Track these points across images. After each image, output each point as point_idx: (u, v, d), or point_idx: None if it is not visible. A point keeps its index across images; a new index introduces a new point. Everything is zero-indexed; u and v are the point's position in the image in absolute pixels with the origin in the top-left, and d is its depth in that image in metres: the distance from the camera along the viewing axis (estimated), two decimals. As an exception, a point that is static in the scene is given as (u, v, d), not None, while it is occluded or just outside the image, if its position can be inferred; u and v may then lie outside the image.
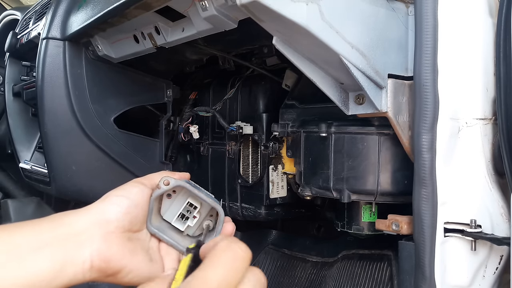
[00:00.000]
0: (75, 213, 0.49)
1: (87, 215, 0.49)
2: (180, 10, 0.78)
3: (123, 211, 0.50)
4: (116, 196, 0.51)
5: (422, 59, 0.61)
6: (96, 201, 0.51)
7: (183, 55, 1.06)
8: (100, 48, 1.05)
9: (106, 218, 0.49)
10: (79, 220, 0.48)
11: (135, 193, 0.52)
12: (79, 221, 0.48)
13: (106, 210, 0.50)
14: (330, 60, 0.61)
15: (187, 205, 0.55)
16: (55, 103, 1.10)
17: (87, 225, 0.48)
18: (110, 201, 0.51)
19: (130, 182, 0.54)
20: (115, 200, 0.51)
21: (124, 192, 0.52)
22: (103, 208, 0.50)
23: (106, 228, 0.49)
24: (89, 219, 0.49)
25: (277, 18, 0.52)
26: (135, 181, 0.54)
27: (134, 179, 0.55)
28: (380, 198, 0.77)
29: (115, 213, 0.49)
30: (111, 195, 0.51)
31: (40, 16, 1.34)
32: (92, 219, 0.49)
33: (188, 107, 1.26)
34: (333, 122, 0.79)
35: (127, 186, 0.53)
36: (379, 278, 0.89)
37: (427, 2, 0.61)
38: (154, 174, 0.56)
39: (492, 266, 0.66)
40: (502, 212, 0.66)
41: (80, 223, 0.48)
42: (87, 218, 0.49)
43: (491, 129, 0.67)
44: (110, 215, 0.49)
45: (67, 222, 0.48)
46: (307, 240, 1.15)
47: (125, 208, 0.50)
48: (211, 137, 1.21)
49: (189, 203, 0.55)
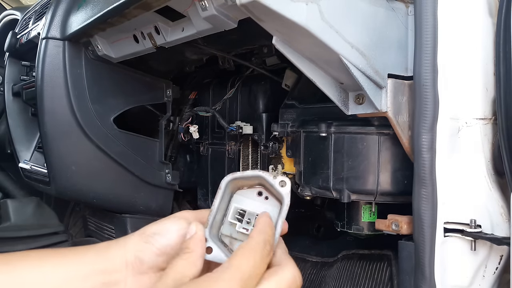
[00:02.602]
0: (115, 247, 0.48)
1: (123, 251, 0.48)
2: (180, 10, 0.78)
3: (158, 252, 0.48)
4: (153, 234, 0.49)
5: (422, 59, 0.61)
6: (135, 234, 0.50)
7: (183, 55, 1.06)
8: (100, 48, 1.05)
9: (140, 258, 0.48)
10: (116, 256, 0.48)
11: (174, 231, 0.49)
12: (116, 257, 0.47)
13: (141, 250, 0.48)
14: (330, 60, 0.61)
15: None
16: (54, 103, 1.10)
17: (122, 264, 0.47)
18: (146, 239, 0.49)
19: (172, 216, 0.51)
20: (151, 239, 0.49)
21: (163, 229, 0.49)
22: (139, 247, 0.49)
23: (139, 268, 0.48)
24: (125, 258, 0.48)
25: (277, 18, 0.52)
26: (177, 216, 0.51)
27: (181, 212, 0.52)
28: (380, 198, 0.77)
29: (149, 254, 0.48)
30: (149, 231, 0.50)
31: (39, 16, 1.34)
32: (128, 257, 0.48)
33: (188, 107, 1.26)
34: (333, 122, 0.79)
35: (167, 222, 0.50)
36: (379, 278, 0.89)
37: (427, 2, 0.61)
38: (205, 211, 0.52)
39: (492, 266, 0.66)
40: (502, 212, 0.66)
41: (117, 260, 0.47)
42: (123, 255, 0.48)
43: (491, 129, 0.66)
44: (144, 256, 0.48)
45: (109, 257, 0.47)
46: (307, 240, 1.15)
47: (160, 248, 0.48)
48: (211, 137, 1.21)
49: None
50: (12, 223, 1.44)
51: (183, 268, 0.43)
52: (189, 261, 0.44)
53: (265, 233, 0.45)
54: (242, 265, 0.42)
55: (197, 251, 0.45)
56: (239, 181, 0.50)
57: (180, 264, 0.44)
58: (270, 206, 0.50)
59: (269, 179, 0.48)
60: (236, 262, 0.42)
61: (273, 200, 0.50)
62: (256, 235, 0.45)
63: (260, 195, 0.51)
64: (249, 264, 0.42)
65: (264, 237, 0.45)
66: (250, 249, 0.43)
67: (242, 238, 0.49)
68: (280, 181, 0.48)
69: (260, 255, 0.43)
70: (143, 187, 1.23)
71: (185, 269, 0.43)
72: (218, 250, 0.46)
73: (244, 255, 0.43)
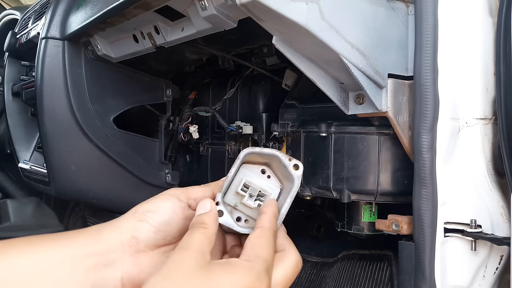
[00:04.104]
0: (108, 229, 0.47)
1: (118, 232, 0.47)
2: (179, 9, 0.78)
3: (154, 229, 0.47)
4: (146, 212, 0.48)
5: (422, 58, 0.61)
6: (127, 214, 0.49)
7: (183, 54, 1.06)
8: (100, 47, 1.05)
9: (136, 237, 0.47)
10: (110, 238, 0.46)
11: (167, 208, 0.49)
12: (110, 239, 0.46)
13: (136, 228, 0.47)
14: (330, 59, 0.61)
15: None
16: (54, 103, 1.10)
17: (117, 244, 0.46)
18: (140, 217, 0.48)
19: (162, 194, 0.50)
20: (145, 217, 0.48)
21: (155, 207, 0.49)
22: (134, 225, 0.47)
23: (136, 247, 0.47)
24: (120, 238, 0.47)
25: (277, 18, 0.52)
26: (167, 194, 0.50)
27: (169, 190, 0.51)
28: (380, 198, 0.77)
29: (145, 233, 0.47)
30: (141, 210, 0.48)
31: (39, 15, 1.34)
32: (123, 238, 0.47)
33: (187, 107, 1.26)
34: (333, 122, 0.79)
35: (158, 199, 0.49)
36: (379, 278, 0.89)
37: (427, 2, 0.60)
38: (193, 188, 0.52)
39: (492, 266, 0.66)
40: (502, 212, 0.66)
41: (111, 241, 0.46)
42: (118, 236, 0.47)
43: (491, 129, 0.66)
44: (140, 235, 0.47)
45: (101, 239, 0.46)
46: (307, 240, 1.15)
47: (156, 225, 0.48)
48: (210, 137, 1.21)
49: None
50: (11, 223, 1.44)
51: (201, 243, 0.43)
52: (206, 236, 0.44)
53: (274, 223, 0.48)
54: (269, 257, 0.44)
55: (213, 227, 0.46)
56: (253, 156, 0.53)
57: (197, 239, 0.43)
58: (272, 185, 0.54)
59: (284, 160, 0.52)
60: (262, 253, 0.44)
61: (275, 180, 0.54)
62: (268, 224, 0.47)
63: (263, 173, 0.54)
64: (271, 255, 0.45)
65: (274, 227, 0.48)
66: (267, 239, 0.46)
67: (243, 210, 0.53)
68: (294, 164, 0.52)
69: (273, 245, 0.46)
70: (143, 187, 1.23)
71: (203, 244, 0.43)
72: (228, 215, 0.50)
73: (263, 246, 0.45)
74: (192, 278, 0.40)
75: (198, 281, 0.40)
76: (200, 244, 0.43)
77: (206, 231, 0.45)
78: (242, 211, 0.53)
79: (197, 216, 0.47)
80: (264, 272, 0.42)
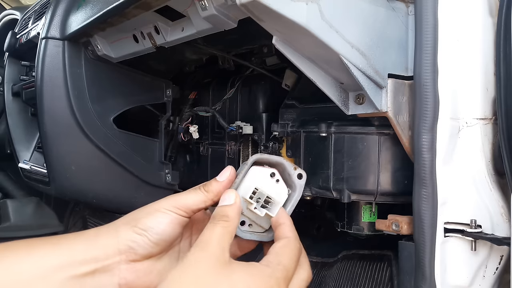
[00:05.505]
0: (106, 235, 0.47)
1: (115, 240, 0.47)
2: (179, 9, 0.78)
3: (152, 244, 0.48)
4: (146, 227, 0.48)
5: (422, 58, 0.61)
6: (125, 222, 0.49)
7: (183, 54, 1.06)
8: (100, 47, 1.05)
9: (133, 248, 0.47)
10: (107, 244, 0.47)
11: (166, 224, 0.49)
12: (107, 245, 0.47)
13: (134, 240, 0.47)
14: (330, 59, 0.61)
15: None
16: (54, 103, 1.10)
17: (115, 252, 0.46)
18: (139, 231, 0.48)
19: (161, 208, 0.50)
20: (144, 232, 0.48)
21: (154, 224, 0.48)
22: (132, 237, 0.48)
23: (133, 257, 0.47)
24: (117, 247, 0.47)
25: (277, 18, 0.52)
26: (166, 208, 0.50)
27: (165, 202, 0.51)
28: (380, 198, 0.77)
29: (143, 246, 0.47)
30: (140, 224, 0.48)
31: (39, 15, 1.34)
32: (120, 247, 0.47)
33: (187, 107, 1.25)
34: (333, 122, 0.79)
35: (158, 215, 0.49)
36: (379, 278, 0.89)
37: (427, 2, 0.60)
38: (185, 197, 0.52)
39: (492, 266, 0.66)
40: (502, 212, 0.66)
41: (109, 248, 0.46)
42: (115, 244, 0.47)
43: (491, 129, 0.66)
44: (138, 247, 0.47)
45: (99, 245, 0.47)
46: (307, 240, 1.15)
47: (155, 241, 0.48)
48: (210, 137, 1.20)
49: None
50: (11, 223, 1.44)
51: (222, 239, 0.43)
52: (228, 231, 0.44)
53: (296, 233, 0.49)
54: (290, 267, 0.45)
55: (235, 222, 0.46)
56: (261, 160, 0.55)
57: (219, 233, 0.43)
58: (280, 189, 0.55)
59: (289, 169, 0.55)
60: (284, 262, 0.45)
61: (283, 185, 0.56)
62: (293, 235, 0.49)
63: (272, 176, 0.56)
64: (292, 266, 0.45)
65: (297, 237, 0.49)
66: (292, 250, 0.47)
67: (248, 215, 0.53)
68: (298, 174, 0.56)
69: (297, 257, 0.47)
70: (143, 187, 1.23)
71: (224, 240, 0.43)
72: None
73: (287, 255, 0.46)
74: (213, 275, 0.40)
75: (218, 278, 0.40)
76: (221, 239, 0.43)
77: (228, 225, 0.44)
78: (247, 215, 0.53)
79: (220, 208, 0.47)
80: (283, 280, 0.43)
